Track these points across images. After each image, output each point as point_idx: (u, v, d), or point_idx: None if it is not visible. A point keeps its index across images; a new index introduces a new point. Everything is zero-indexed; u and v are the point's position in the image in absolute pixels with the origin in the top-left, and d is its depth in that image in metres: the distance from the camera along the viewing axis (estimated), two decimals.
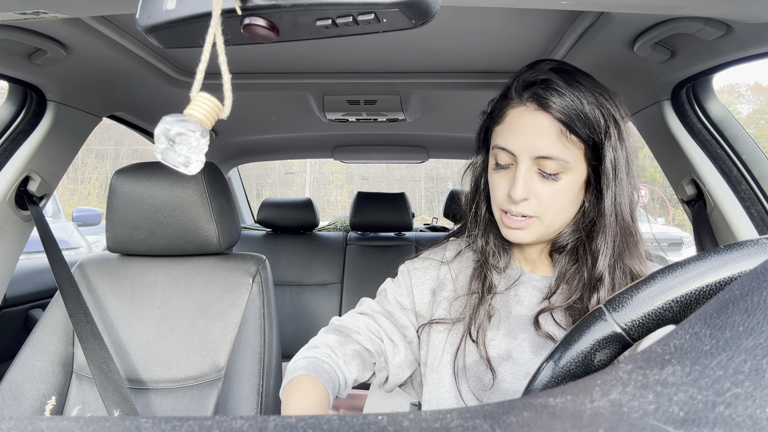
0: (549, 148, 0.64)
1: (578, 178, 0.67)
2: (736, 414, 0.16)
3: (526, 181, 0.65)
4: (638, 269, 0.67)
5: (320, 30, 0.37)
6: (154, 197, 1.11)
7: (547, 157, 0.64)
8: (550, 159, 0.64)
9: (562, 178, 0.65)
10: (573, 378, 0.30)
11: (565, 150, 0.64)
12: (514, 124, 0.67)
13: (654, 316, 0.29)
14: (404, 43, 1.09)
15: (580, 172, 0.66)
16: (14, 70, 1.01)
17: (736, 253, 0.28)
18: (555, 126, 0.64)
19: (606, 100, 0.66)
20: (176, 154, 0.34)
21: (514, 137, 0.67)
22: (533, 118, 0.65)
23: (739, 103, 20.14)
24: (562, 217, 0.68)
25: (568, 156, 0.65)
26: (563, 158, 0.64)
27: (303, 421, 0.18)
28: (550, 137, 0.64)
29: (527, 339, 0.69)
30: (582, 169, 0.67)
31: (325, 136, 2.01)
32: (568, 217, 0.69)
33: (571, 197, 0.67)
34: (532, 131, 0.65)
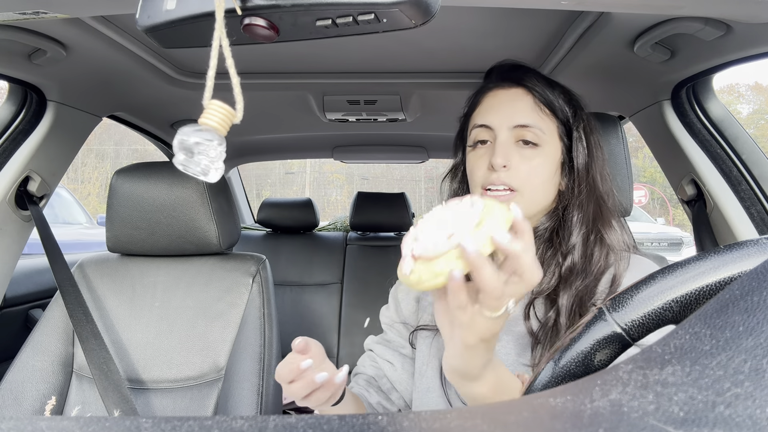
0: (526, 116, 0.69)
1: (553, 156, 0.70)
2: (736, 414, 0.16)
3: (505, 149, 0.68)
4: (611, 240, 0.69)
5: (320, 30, 0.37)
6: (154, 197, 1.11)
7: (525, 125, 0.68)
8: (527, 127, 0.68)
9: (539, 152, 0.69)
10: (573, 378, 0.30)
11: (541, 120, 0.69)
12: (492, 102, 0.72)
13: (654, 316, 0.29)
14: (404, 43, 1.09)
15: (554, 149, 0.70)
16: (14, 70, 1.01)
17: (736, 253, 0.28)
18: (530, 97, 0.70)
19: (573, 97, 0.73)
20: (196, 163, 0.35)
21: (491, 113, 0.71)
22: (510, 93, 0.71)
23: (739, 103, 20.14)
24: (542, 193, 0.70)
25: (544, 126, 0.69)
26: (539, 126, 0.68)
27: (303, 421, 0.18)
28: (526, 106, 0.69)
29: (511, 341, 0.69)
30: (556, 148, 0.71)
31: (325, 136, 2.01)
32: (547, 196, 0.71)
33: (548, 174, 0.70)
34: (508, 104, 0.70)
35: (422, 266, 0.44)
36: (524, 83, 0.71)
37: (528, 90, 0.70)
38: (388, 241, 2.33)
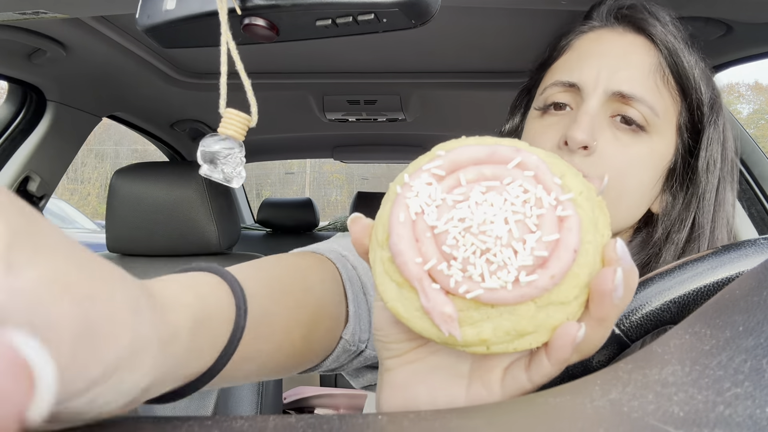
0: (635, 83, 0.44)
1: (663, 152, 0.46)
2: (736, 414, 0.16)
3: (592, 120, 0.44)
4: None
5: (320, 30, 0.37)
6: (154, 197, 1.11)
7: (630, 96, 0.44)
8: (632, 101, 0.44)
9: (643, 140, 0.45)
10: (572, 378, 0.30)
11: (657, 95, 0.45)
12: (590, 48, 0.47)
13: (652, 317, 0.29)
14: (404, 43, 1.09)
15: (667, 144, 0.46)
16: (14, 70, 1.00)
17: (735, 254, 0.28)
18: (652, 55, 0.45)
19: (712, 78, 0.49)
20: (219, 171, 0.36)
21: (585, 63, 0.46)
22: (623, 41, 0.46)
23: (739, 103, 20.14)
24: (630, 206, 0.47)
25: (659, 105, 0.45)
26: (652, 105, 0.44)
27: (303, 421, 0.18)
28: (641, 68, 0.45)
29: None
30: (670, 142, 0.46)
31: (325, 136, 2.01)
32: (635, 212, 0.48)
33: (652, 176, 0.46)
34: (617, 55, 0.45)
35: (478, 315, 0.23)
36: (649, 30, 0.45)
37: (653, 43, 0.45)
38: None
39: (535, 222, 0.22)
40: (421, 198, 0.23)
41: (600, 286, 0.22)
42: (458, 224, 0.22)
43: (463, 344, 0.23)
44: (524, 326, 0.23)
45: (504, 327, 0.23)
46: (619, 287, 0.22)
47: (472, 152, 0.24)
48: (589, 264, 0.22)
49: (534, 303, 0.22)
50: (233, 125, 0.35)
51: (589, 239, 0.22)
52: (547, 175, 0.23)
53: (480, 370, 0.27)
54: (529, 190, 0.22)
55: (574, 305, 0.23)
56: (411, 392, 0.28)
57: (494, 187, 0.22)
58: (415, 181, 0.23)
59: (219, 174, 0.36)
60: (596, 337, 0.24)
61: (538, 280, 0.21)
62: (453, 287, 0.22)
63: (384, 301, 0.25)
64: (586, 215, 0.23)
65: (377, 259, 0.25)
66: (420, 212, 0.23)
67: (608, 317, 0.23)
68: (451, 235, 0.22)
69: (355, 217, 0.26)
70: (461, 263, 0.22)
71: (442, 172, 0.23)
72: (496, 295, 0.22)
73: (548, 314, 0.23)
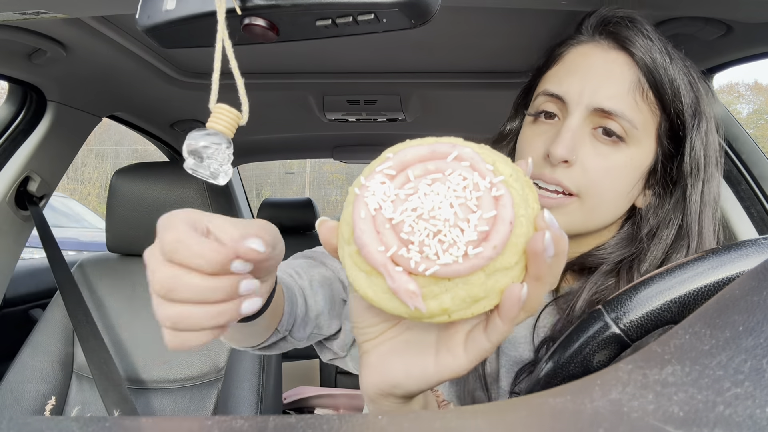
0: (616, 100, 0.48)
1: (641, 161, 0.50)
2: (736, 414, 0.16)
3: (573, 137, 0.48)
4: None
5: (320, 30, 0.37)
6: (154, 197, 1.11)
7: (609, 112, 0.47)
8: (612, 116, 0.48)
9: (622, 150, 0.49)
10: (572, 378, 0.30)
11: (636, 110, 0.48)
12: (577, 63, 0.51)
13: (652, 317, 0.29)
14: (404, 43, 1.09)
15: (645, 153, 0.50)
16: (14, 70, 1.00)
17: (735, 254, 0.28)
18: (632, 72, 0.48)
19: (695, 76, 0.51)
20: (205, 167, 0.36)
21: (572, 79, 0.50)
22: (606, 57, 0.49)
23: (739, 103, 20.14)
24: (609, 208, 0.51)
25: (638, 120, 0.48)
26: (631, 120, 0.48)
27: (303, 421, 0.18)
28: (621, 85, 0.48)
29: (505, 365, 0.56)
30: (649, 150, 0.50)
31: (325, 136, 2.01)
32: (615, 213, 0.52)
33: (629, 182, 0.50)
34: (598, 73, 0.49)
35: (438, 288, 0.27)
36: (630, 47, 0.48)
37: (633, 59, 0.48)
38: None
39: (475, 203, 0.26)
40: (377, 196, 0.27)
41: (533, 247, 0.26)
42: (411, 213, 0.26)
43: (429, 315, 0.27)
44: (477, 292, 0.27)
45: (460, 295, 0.27)
46: (549, 247, 0.26)
47: (416, 152, 0.28)
48: (524, 234, 0.26)
49: (483, 272, 0.26)
50: (222, 120, 0.35)
51: (522, 213, 0.26)
52: (480, 163, 0.27)
53: (445, 338, 0.31)
54: (467, 177, 0.26)
55: (516, 270, 0.27)
56: (386, 368, 0.32)
57: (438, 179, 0.26)
58: (370, 182, 0.27)
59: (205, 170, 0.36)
60: (538, 295, 0.28)
61: (484, 252, 0.25)
62: (414, 267, 0.26)
63: (356, 289, 0.28)
64: (517, 193, 0.27)
65: (346, 255, 0.29)
66: (378, 208, 0.27)
67: (544, 275, 0.27)
68: (406, 224, 0.26)
69: (321, 221, 0.30)
70: (418, 246, 0.26)
71: (393, 172, 0.27)
72: (451, 269, 0.26)
73: (496, 280, 0.27)
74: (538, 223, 0.27)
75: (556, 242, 0.26)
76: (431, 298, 0.27)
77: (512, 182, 0.27)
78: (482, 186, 0.26)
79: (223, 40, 0.35)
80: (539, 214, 0.27)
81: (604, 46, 0.50)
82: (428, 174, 0.26)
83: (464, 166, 0.26)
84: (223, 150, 0.36)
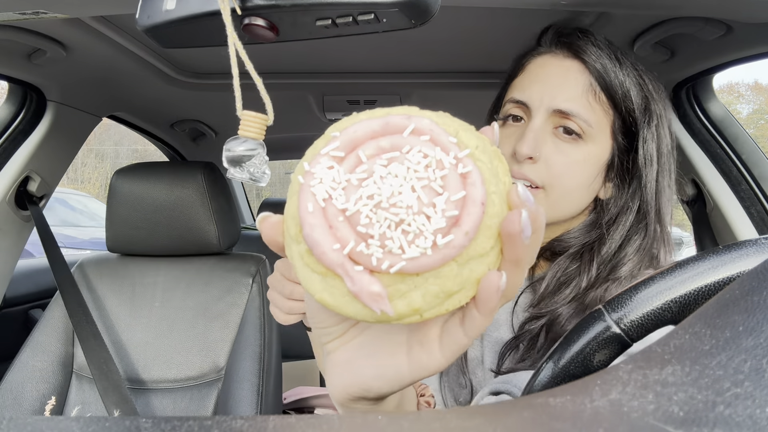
0: (571, 102, 0.54)
1: (599, 155, 0.56)
2: (736, 414, 0.16)
3: (536, 136, 0.55)
4: None
5: (320, 30, 0.37)
6: (154, 197, 1.11)
7: (567, 112, 0.54)
8: (569, 116, 0.54)
9: (580, 147, 0.55)
10: (572, 378, 0.30)
11: (590, 110, 0.55)
12: (537, 72, 0.58)
13: (653, 317, 0.29)
14: (404, 43, 1.09)
15: (602, 149, 0.56)
16: (14, 70, 1.00)
17: (735, 254, 0.28)
18: (585, 78, 0.55)
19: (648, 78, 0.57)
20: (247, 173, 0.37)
21: (533, 86, 0.57)
22: (561, 65, 0.56)
23: (739, 103, 20.13)
24: (573, 200, 0.57)
25: (592, 119, 0.55)
26: (586, 119, 0.54)
27: (303, 421, 0.18)
28: (575, 89, 0.55)
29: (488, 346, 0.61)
30: (604, 146, 0.56)
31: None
32: (578, 204, 0.58)
33: (589, 175, 0.56)
34: (555, 80, 0.56)
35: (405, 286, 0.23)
36: (582, 56, 0.55)
37: (586, 66, 0.55)
38: None
39: (440, 184, 0.22)
40: (325, 183, 0.23)
41: (508, 229, 0.23)
42: (368, 202, 0.22)
43: (397, 317, 0.23)
44: (450, 286, 0.23)
45: (432, 292, 0.23)
46: (526, 227, 0.23)
47: (366, 127, 0.23)
48: (498, 213, 0.23)
49: (455, 262, 0.22)
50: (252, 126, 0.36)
51: (493, 189, 0.23)
52: (442, 136, 0.23)
53: (417, 334, 0.28)
54: (428, 155, 0.22)
55: (492, 255, 0.23)
56: (355, 370, 0.29)
57: (395, 158, 0.22)
58: (315, 168, 0.23)
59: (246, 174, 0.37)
60: (516, 280, 0.25)
61: (455, 239, 0.22)
62: (376, 265, 0.22)
63: (311, 294, 0.24)
64: (486, 167, 0.23)
65: (295, 255, 0.24)
66: (328, 198, 0.22)
67: (522, 258, 0.24)
68: (363, 215, 0.22)
69: (262, 217, 0.27)
70: (379, 240, 0.22)
71: (341, 153, 0.23)
72: (419, 263, 0.22)
73: (471, 269, 0.23)
74: (512, 199, 0.23)
75: (533, 219, 0.24)
76: (398, 298, 0.23)
77: (479, 155, 0.23)
78: (446, 163, 0.22)
79: (235, 42, 0.35)
80: (512, 189, 0.23)
81: (560, 56, 0.57)
82: (383, 153, 0.22)
83: (424, 140, 0.22)
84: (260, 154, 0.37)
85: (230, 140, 0.37)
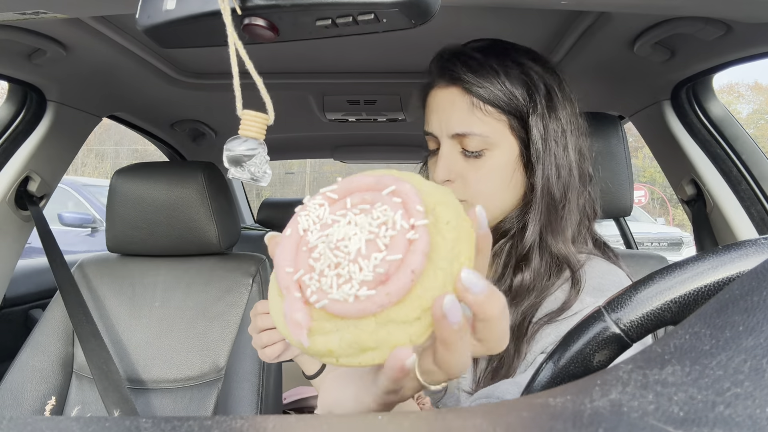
0: (462, 124, 0.59)
1: (508, 156, 0.61)
2: (736, 414, 0.16)
3: (446, 162, 0.61)
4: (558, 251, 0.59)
5: (320, 30, 0.37)
6: (154, 197, 1.11)
7: (463, 134, 0.59)
8: (467, 136, 0.59)
9: (488, 157, 0.60)
10: (572, 378, 0.30)
11: (482, 124, 0.59)
12: (432, 104, 0.64)
13: (652, 317, 0.29)
14: (404, 43, 1.09)
15: (509, 148, 0.61)
16: (14, 70, 1.00)
17: (735, 254, 0.28)
18: (466, 99, 0.59)
19: (536, 69, 0.61)
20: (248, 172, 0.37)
21: (432, 118, 0.63)
22: (446, 94, 0.61)
23: (739, 103, 20.12)
24: (498, 201, 0.62)
25: (487, 130, 0.59)
26: (480, 133, 0.59)
27: (303, 421, 0.18)
28: (462, 111, 0.60)
29: None
30: (510, 145, 0.61)
31: (325, 136, 2.01)
32: (508, 201, 0.62)
33: (503, 178, 0.61)
34: (445, 108, 0.61)
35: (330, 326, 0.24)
36: (459, 80, 0.60)
37: (464, 89, 0.59)
38: None
39: (385, 242, 0.23)
40: (311, 217, 0.26)
41: (433, 309, 0.23)
42: (325, 240, 0.24)
43: (315, 352, 0.24)
44: (365, 340, 0.23)
45: (347, 340, 0.24)
46: (452, 313, 0.23)
47: (361, 180, 0.26)
48: (436, 288, 0.23)
49: (374, 318, 0.23)
50: (253, 126, 0.36)
51: (443, 266, 0.23)
52: (413, 202, 0.24)
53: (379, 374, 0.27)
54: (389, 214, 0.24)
55: (416, 326, 0.24)
56: (338, 395, 0.31)
57: (365, 210, 0.25)
58: (310, 203, 0.26)
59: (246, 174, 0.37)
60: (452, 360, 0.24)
61: (376, 296, 0.23)
62: (308, 296, 0.24)
63: (270, 309, 0.27)
64: (446, 244, 0.24)
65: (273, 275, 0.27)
66: (306, 229, 0.25)
67: (452, 342, 0.24)
68: (317, 249, 0.24)
69: (269, 236, 0.29)
70: (318, 274, 0.24)
71: (335, 196, 0.26)
72: (339, 307, 0.23)
73: (389, 332, 0.23)
74: (456, 284, 0.24)
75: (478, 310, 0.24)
76: (320, 335, 0.24)
77: (446, 231, 0.24)
78: (399, 225, 0.23)
79: (235, 42, 0.35)
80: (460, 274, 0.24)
81: (443, 85, 0.62)
82: (361, 203, 0.25)
83: (395, 201, 0.24)
84: (261, 154, 0.37)
85: (231, 140, 0.37)
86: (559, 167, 0.60)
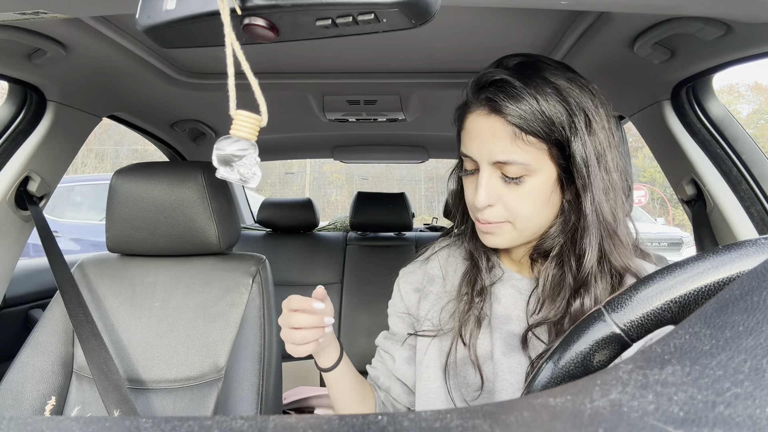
0: (505, 153, 0.61)
1: (546, 180, 0.63)
2: (736, 414, 0.16)
3: (488, 187, 0.64)
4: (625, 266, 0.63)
5: (320, 30, 0.37)
6: (154, 197, 1.11)
7: (505, 162, 0.62)
8: (508, 164, 0.62)
9: (527, 182, 0.63)
10: (572, 378, 0.30)
11: (524, 153, 0.61)
12: (471, 129, 0.65)
13: (653, 317, 0.29)
14: (404, 43, 1.09)
15: (548, 173, 0.63)
16: (14, 70, 1.01)
17: (735, 254, 0.28)
18: (508, 129, 0.61)
19: (573, 91, 0.62)
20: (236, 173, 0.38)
21: (472, 143, 0.65)
22: (487, 122, 0.63)
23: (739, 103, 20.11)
24: (537, 221, 0.65)
25: (528, 158, 0.61)
26: (522, 161, 0.61)
27: (303, 421, 0.18)
28: (504, 141, 0.61)
29: (499, 338, 0.68)
30: (549, 170, 0.63)
31: (325, 136, 2.01)
32: (545, 220, 0.66)
33: (542, 200, 0.64)
34: (486, 136, 0.63)
35: None
36: (501, 112, 0.61)
37: (505, 119, 0.61)
38: (388, 241, 2.33)
39: None
40: None
41: None
42: None
43: None
44: None
45: None
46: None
47: None
48: None
49: None
50: (245, 127, 0.36)
51: None
52: None
53: None
54: None
55: None
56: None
57: None
58: None
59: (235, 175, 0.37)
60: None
61: None
62: None
63: None
64: None
65: None
66: None
67: None
68: None
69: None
70: None
71: None
72: None
73: None
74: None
75: None
76: None
77: None
78: None
79: (232, 42, 0.35)
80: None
81: (484, 113, 0.63)
82: None
83: None
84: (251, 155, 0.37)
85: (221, 139, 0.37)
86: (606, 190, 0.63)
